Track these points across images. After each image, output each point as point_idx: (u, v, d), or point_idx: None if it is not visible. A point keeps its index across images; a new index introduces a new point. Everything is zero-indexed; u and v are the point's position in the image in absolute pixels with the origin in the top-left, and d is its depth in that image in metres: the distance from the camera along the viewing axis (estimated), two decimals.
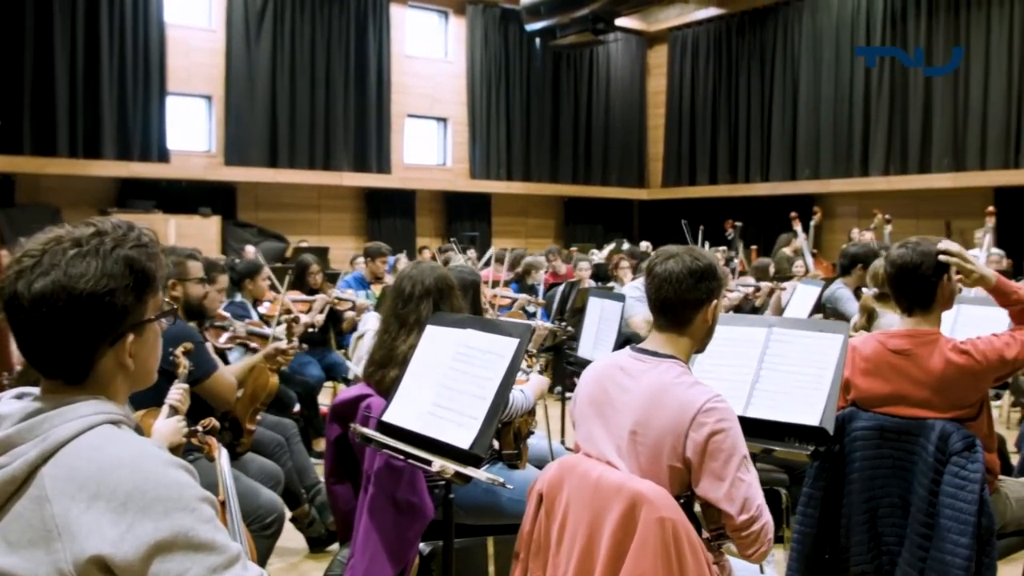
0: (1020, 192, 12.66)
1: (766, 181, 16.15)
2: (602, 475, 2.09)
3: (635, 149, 18.48)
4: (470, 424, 2.46)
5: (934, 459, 2.68)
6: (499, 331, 2.57)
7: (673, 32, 18.02)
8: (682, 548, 1.93)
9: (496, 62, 16.46)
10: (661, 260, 2.24)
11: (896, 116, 14.28)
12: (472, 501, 3.02)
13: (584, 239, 16.00)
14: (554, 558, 2.15)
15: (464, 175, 16.36)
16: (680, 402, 2.08)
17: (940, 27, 13.77)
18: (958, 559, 2.57)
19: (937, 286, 2.81)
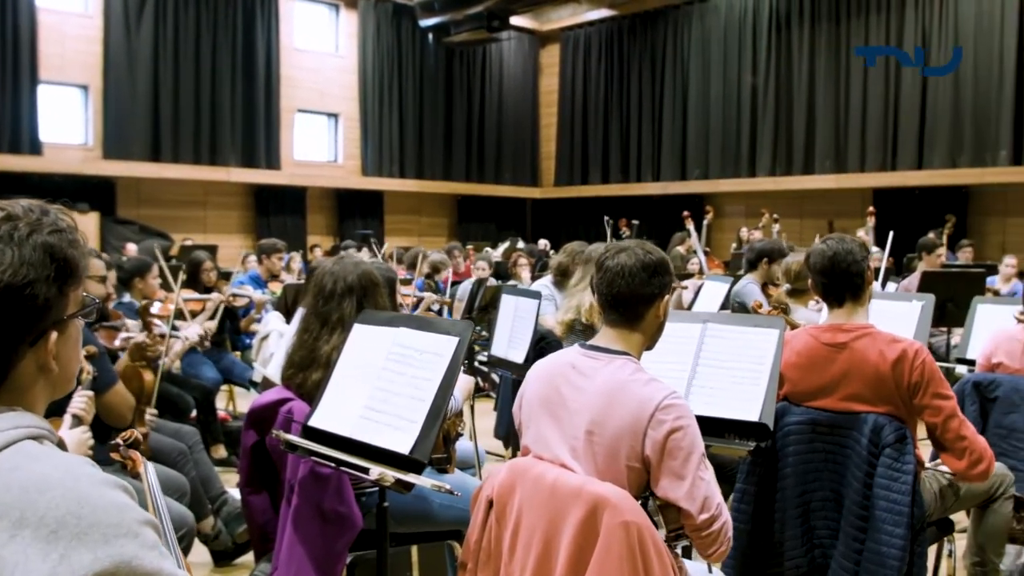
0: (897, 193, 13.25)
1: (657, 181, 16.44)
2: (558, 478, 1.99)
3: (528, 148, 18.53)
4: (408, 428, 2.33)
5: (867, 452, 2.70)
6: (436, 329, 2.45)
7: (565, 32, 18.15)
8: (648, 553, 1.86)
9: (388, 57, 16.21)
10: (612, 254, 2.16)
11: (781, 119, 14.77)
12: (402, 508, 2.88)
13: (477, 237, 15.94)
14: (507, 567, 2.05)
15: (356, 172, 16.06)
16: (637, 400, 2.01)
17: (822, 34, 14.30)
18: (894, 549, 2.59)
19: (864, 276, 2.84)
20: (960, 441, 2.72)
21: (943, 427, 2.73)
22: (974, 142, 12.70)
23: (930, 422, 2.73)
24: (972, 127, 12.70)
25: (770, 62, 14.88)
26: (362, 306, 2.91)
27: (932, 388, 2.70)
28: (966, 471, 2.75)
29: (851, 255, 2.84)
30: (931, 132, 13.13)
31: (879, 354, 2.73)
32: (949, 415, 2.73)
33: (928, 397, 2.70)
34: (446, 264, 8.26)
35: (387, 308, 3.04)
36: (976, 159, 12.66)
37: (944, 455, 2.77)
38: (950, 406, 2.74)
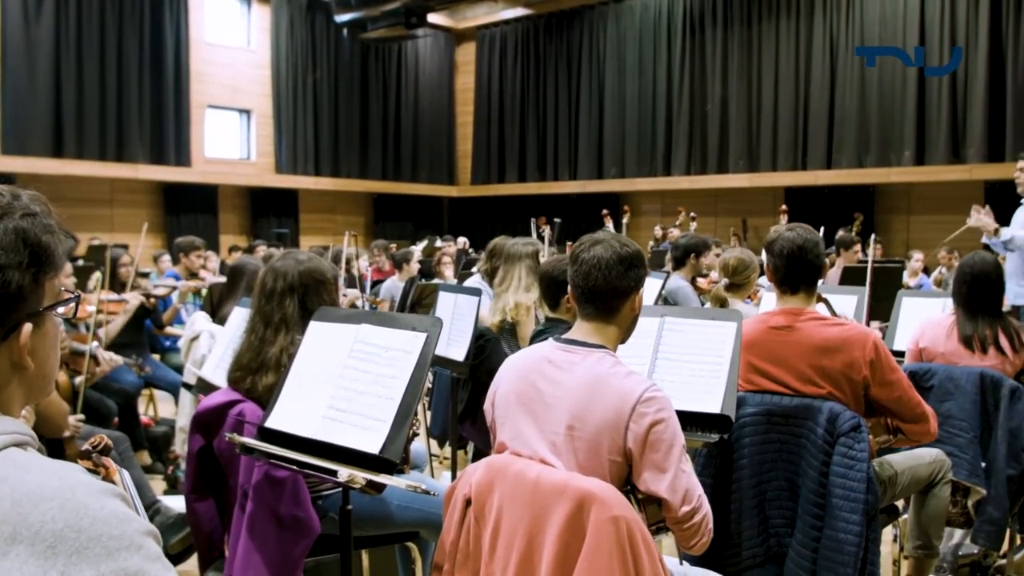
0: (807, 191, 13.66)
1: (574, 179, 16.56)
2: (540, 475, 1.95)
3: (444, 146, 18.44)
4: (377, 427, 2.26)
5: (823, 440, 2.73)
6: (400, 325, 2.38)
7: (481, 30, 18.12)
8: (637, 548, 1.83)
9: (302, 53, 15.91)
10: (587, 246, 2.14)
11: (696, 119, 15.05)
12: (360, 511, 2.79)
13: (394, 236, 15.74)
14: (487, 567, 2.00)
15: (270, 169, 15.71)
16: (618, 393, 1.99)
17: (735, 38, 14.63)
18: (851, 536, 2.64)
19: (821, 265, 2.90)
20: (917, 407, 2.82)
21: (902, 400, 2.81)
22: (880, 143, 13.18)
23: (887, 398, 2.79)
24: (878, 128, 13.18)
25: (684, 63, 15.15)
26: (305, 304, 2.82)
27: (885, 365, 2.77)
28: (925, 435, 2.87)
29: (818, 247, 2.93)
30: (839, 133, 13.57)
31: (827, 338, 2.78)
32: (905, 386, 2.82)
33: (883, 374, 2.77)
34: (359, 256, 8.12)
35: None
36: (882, 159, 13.14)
37: (904, 425, 2.84)
38: (902, 378, 2.83)
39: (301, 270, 2.86)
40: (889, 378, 2.76)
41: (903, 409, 2.80)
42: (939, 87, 12.64)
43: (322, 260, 2.94)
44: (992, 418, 3.58)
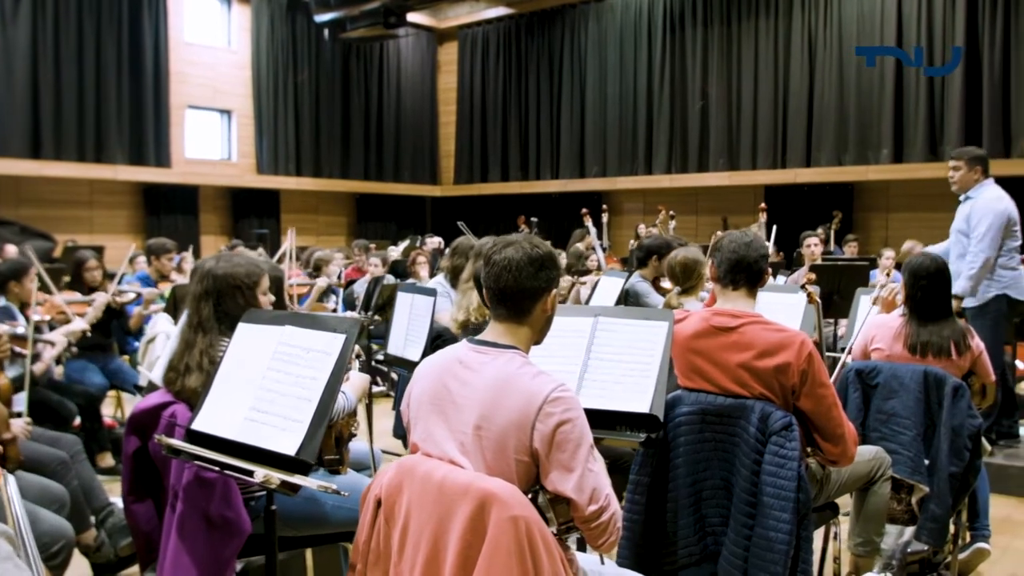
0: (787, 190, 13.69)
1: (556, 178, 16.57)
2: (446, 475, 1.96)
3: (427, 146, 18.42)
4: (295, 428, 2.27)
5: (755, 439, 2.75)
6: (322, 326, 2.40)
7: (463, 30, 18.12)
8: (536, 547, 1.85)
9: (283, 53, 15.87)
10: (500, 248, 2.15)
11: (676, 118, 15.08)
12: (293, 511, 2.81)
13: (377, 236, 15.76)
14: (396, 567, 2.01)
15: (251, 170, 15.68)
16: (525, 393, 2.00)
17: (715, 37, 14.65)
18: (781, 534, 2.66)
19: (765, 269, 2.93)
20: (839, 428, 2.82)
21: (825, 415, 2.82)
22: (858, 141, 13.21)
23: (811, 410, 2.81)
24: (856, 127, 13.22)
25: (664, 62, 15.17)
26: (219, 308, 2.84)
27: (816, 378, 2.79)
28: (840, 457, 2.87)
29: (764, 250, 2.99)
30: (818, 131, 13.60)
31: (765, 341, 2.80)
32: (832, 404, 2.83)
33: (812, 386, 2.78)
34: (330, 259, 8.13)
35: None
36: (860, 157, 13.18)
37: (822, 442, 2.86)
38: (832, 395, 2.84)
39: (217, 274, 2.88)
40: (818, 391, 2.78)
41: (825, 425, 2.82)
42: (916, 86, 12.67)
43: (247, 264, 2.94)
44: (935, 416, 3.61)
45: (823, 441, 2.87)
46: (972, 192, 5.28)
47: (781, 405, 2.79)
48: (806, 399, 2.80)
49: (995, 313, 5.19)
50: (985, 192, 5.25)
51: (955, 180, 5.35)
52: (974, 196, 5.26)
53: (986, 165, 5.33)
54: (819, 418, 2.83)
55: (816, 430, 2.87)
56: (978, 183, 5.28)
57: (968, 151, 5.43)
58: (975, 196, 5.26)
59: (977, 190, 5.27)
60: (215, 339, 2.77)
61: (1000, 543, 4.39)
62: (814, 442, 2.91)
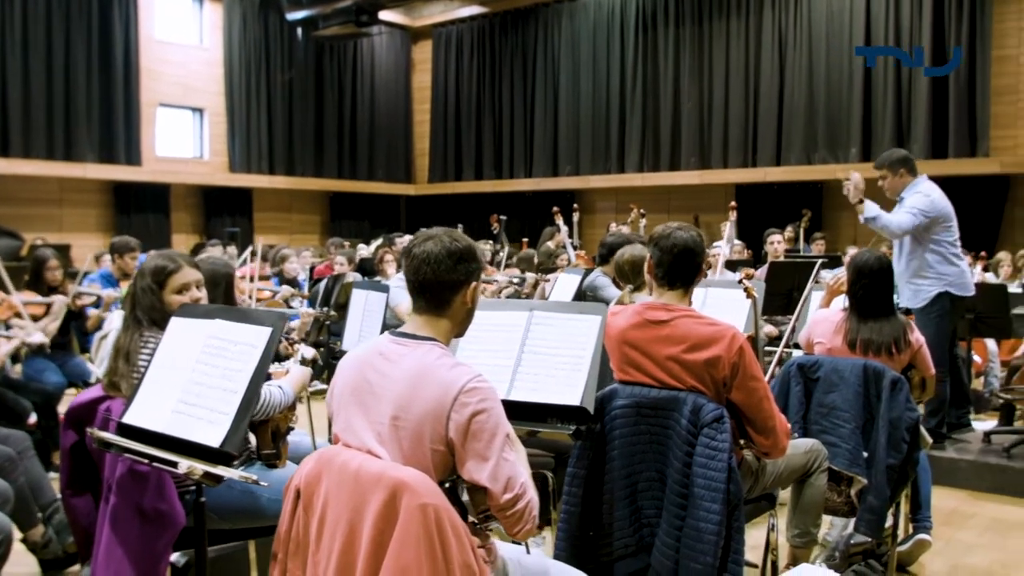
0: (757, 188, 13.81)
1: (530, 177, 16.63)
2: (362, 465, 2.00)
3: (401, 144, 18.43)
4: (221, 421, 2.30)
5: (687, 431, 2.79)
6: (251, 320, 2.42)
7: (437, 28, 18.13)
8: (445, 534, 1.88)
9: (256, 51, 15.82)
10: (420, 242, 2.18)
11: (649, 117, 15.17)
12: (228, 504, 2.83)
13: (351, 235, 15.74)
14: (313, 556, 2.04)
15: (223, 168, 15.62)
16: (441, 383, 2.03)
17: (686, 36, 14.75)
18: (710, 524, 2.69)
19: (701, 267, 2.96)
20: (770, 420, 2.87)
21: (757, 408, 2.87)
22: (827, 140, 13.35)
23: (743, 403, 2.85)
24: (825, 126, 13.35)
25: (637, 61, 15.26)
26: (135, 306, 2.87)
27: (747, 371, 2.83)
28: (771, 449, 2.91)
29: (701, 247, 3.00)
30: (788, 131, 13.73)
31: (697, 335, 2.84)
32: (763, 396, 2.87)
33: (743, 379, 2.83)
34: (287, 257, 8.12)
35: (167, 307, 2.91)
36: (829, 156, 13.31)
37: (754, 434, 2.90)
38: (763, 388, 2.88)
39: (141, 271, 2.91)
40: (749, 384, 2.82)
41: (756, 417, 2.86)
42: (884, 85, 12.81)
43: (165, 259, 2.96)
44: (874, 409, 3.66)
45: (755, 433, 2.91)
46: (905, 193, 5.38)
47: (713, 398, 2.83)
48: (738, 392, 2.84)
49: (939, 310, 5.27)
50: (918, 188, 5.35)
51: (886, 188, 5.45)
52: (907, 196, 5.36)
53: (910, 165, 5.43)
54: (751, 410, 2.87)
55: (748, 423, 2.91)
56: (909, 184, 5.37)
57: (888, 158, 5.50)
58: (908, 196, 5.36)
59: (909, 190, 5.37)
60: (140, 334, 2.79)
61: (944, 535, 4.46)
62: (747, 434, 2.95)
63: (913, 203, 5.26)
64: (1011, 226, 12.20)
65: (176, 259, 2.97)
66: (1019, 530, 4.64)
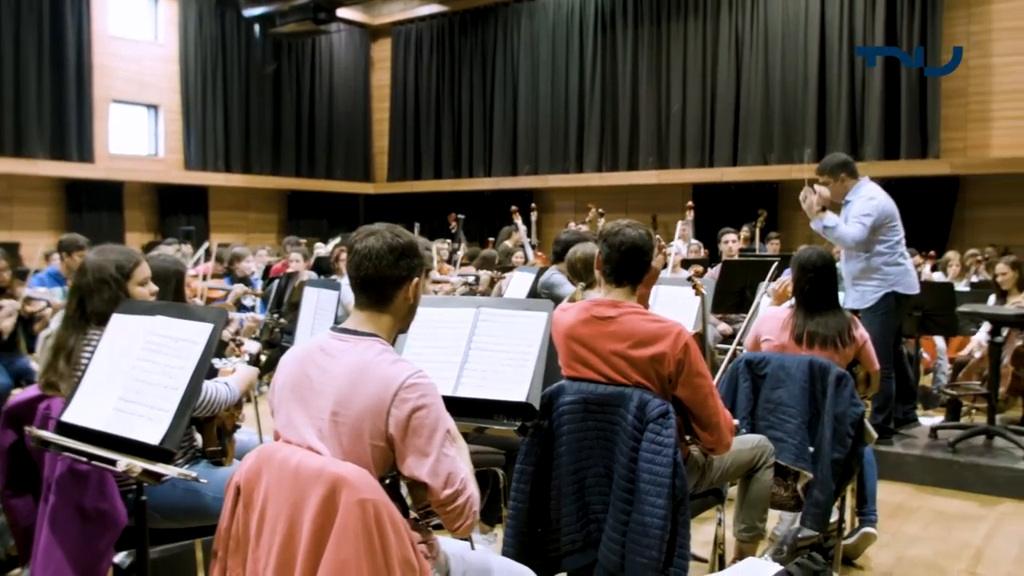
0: (714, 188, 13.94)
1: (489, 176, 16.63)
2: (302, 461, 1.99)
3: (360, 143, 18.33)
4: (161, 418, 2.28)
5: (632, 427, 2.81)
6: (192, 316, 2.40)
7: (396, 27, 18.07)
8: (384, 530, 1.88)
9: (212, 47, 15.63)
10: (361, 237, 2.18)
11: (607, 117, 15.24)
12: (172, 503, 2.80)
13: (309, 234, 15.60)
14: (253, 552, 2.03)
15: (178, 166, 15.42)
16: (381, 379, 2.03)
17: (645, 36, 14.84)
18: (656, 519, 2.71)
19: (650, 266, 2.98)
20: (715, 417, 2.90)
21: (702, 404, 2.90)
22: (783, 141, 13.51)
23: (688, 399, 2.88)
24: (781, 126, 13.51)
25: (596, 61, 15.33)
26: (83, 305, 2.83)
27: (692, 367, 2.86)
28: (716, 445, 2.95)
29: (649, 245, 3.01)
30: (744, 131, 13.87)
31: (642, 331, 2.86)
32: (708, 393, 2.91)
33: (688, 375, 2.85)
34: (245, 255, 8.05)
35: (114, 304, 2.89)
36: (784, 156, 13.46)
37: (699, 430, 2.93)
38: (708, 384, 2.91)
39: (86, 267, 2.87)
40: (694, 380, 2.85)
41: (701, 413, 2.89)
42: (838, 87, 12.99)
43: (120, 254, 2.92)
44: (820, 404, 3.72)
45: (700, 430, 2.95)
46: (850, 195, 5.49)
47: (659, 393, 2.85)
48: (683, 388, 2.87)
49: (884, 309, 5.37)
50: (861, 191, 5.45)
51: (834, 192, 5.54)
52: (852, 199, 5.47)
53: (850, 169, 5.53)
54: (696, 407, 2.90)
55: (693, 419, 2.94)
56: (852, 187, 5.47)
57: (828, 164, 5.61)
58: (852, 199, 5.46)
59: (854, 192, 5.47)
60: (82, 332, 2.75)
61: (890, 528, 4.54)
62: (692, 431, 2.98)
63: (858, 210, 5.35)
64: (960, 226, 12.44)
65: (133, 252, 2.94)
66: (962, 522, 4.73)
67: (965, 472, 5.31)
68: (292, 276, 6.33)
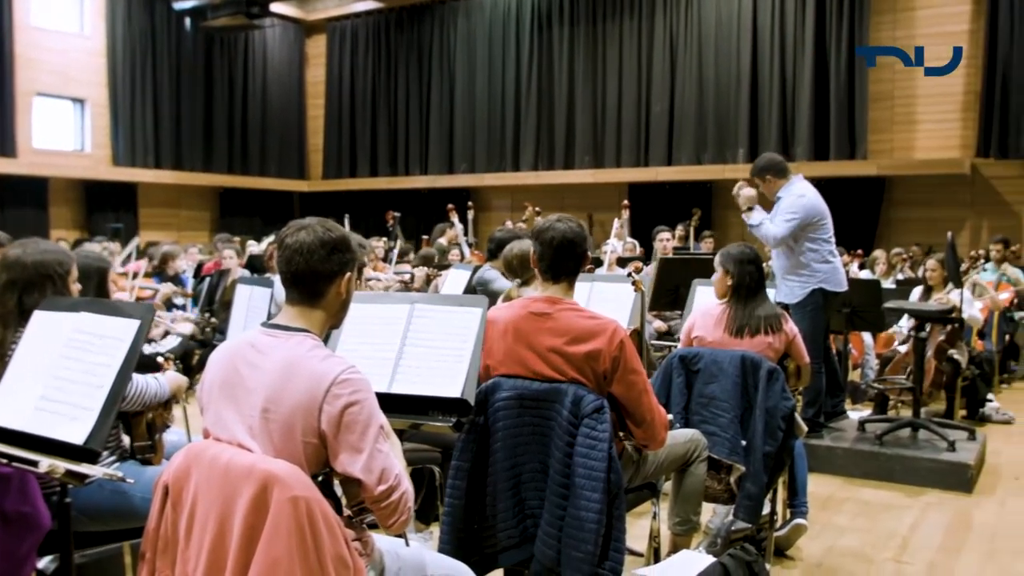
0: (649, 187, 14.10)
1: (425, 174, 16.57)
2: (232, 459, 1.94)
3: (295, 140, 18.09)
4: (85, 417, 2.21)
5: (568, 422, 2.82)
6: (118, 313, 2.34)
7: (332, 23, 17.88)
8: (317, 527, 1.85)
9: (141, 40, 15.27)
10: (292, 232, 2.14)
11: (543, 116, 15.32)
12: (99, 505, 2.73)
13: (242, 232, 15.30)
14: (183, 553, 1.98)
15: (106, 162, 15.03)
16: (313, 375, 2.00)
17: (581, 36, 14.95)
18: (591, 514, 2.72)
19: (585, 256, 3.00)
20: (648, 413, 2.93)
21: (636, 401, 2.92)
22: (716, 141, 13.74)
23: (623, 395, 2.90)
24: (714, 127, 13.74)
25: (532, 60, 15.39)
26: (22, 302, 2.74)
27: (628, 364, 2.88)
28: (649, 441, 2.98)
29: (584, 240, 3.03)
30: (679, 131, 14.07)
31: (578, 328, 2.87)
32: (642, 390, 2.93)
33: (624, 372, 2.87)
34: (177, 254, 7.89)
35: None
36: (718, 156, 13.70)
37: (633, 426, 2.96)
38: (643, 381, 2.94)
39: (26, 263, 2.78)
40: (629, 377, 2.86)
41: (636, 410, 2.91)
42: (770, 88, 13.26)
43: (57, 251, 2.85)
44: (752, 399, 3.78)
45: (634, 426, 2.97)
46: (781, 192, 5.62)
47: (594, 389, 2.87)
48: (618, 385, 2.89)
49: (813, 306, 5.49)
50: (792, 189, 5.58)
51: (766, 192, 5.68)
52: (783, 195, 5.60)
53: (778, 169, 5.67)
54: (630, 403, 2.92)
55: (628, 415, 2.96)
56: (783, 185, 5.61)
57: (757, 165, 5.77)
58: (784, 195, 5.59)
59: (785, 189, 5.61)
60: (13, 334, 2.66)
61: (820, 519, 4.64)
62: (627, 427, 3.00)
63: (786, 208, 5.48)
64: (887, 225, 12.78)
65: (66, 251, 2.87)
66: (888, 512, 4.86)
67: (891, 464, 5.44)
68: (224, 274, 6.21)
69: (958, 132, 12.40)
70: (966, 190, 12.28)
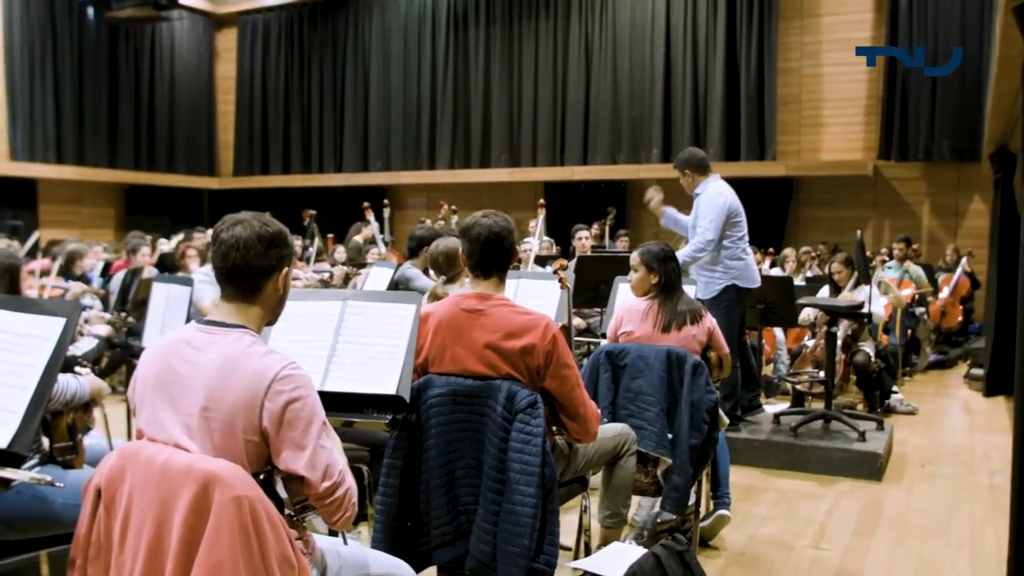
0: (565, 186, 14.23)
1: (340, 172, 16.36)
2: (170, 459, 1.89)
3: (204, 136, 17.62)
4: (8, 420, 2.12)
5: (502, 418, 2.83)
6: (41, 311, 2.25)
7: (243, 16, 17.49)
8: (261, 527, 1.81)
9: (40, 30, 14.63)
10: (228, 226, 2.09)
11: (459, 114, 15.28)
12: (17, 512, 2.62)
13: (150, 230, 14.83)
14: (117, 558, 1.91)
15: (3, 156, 14.36)
16: (254, 372, 1.96)
17: (497, 35, 14.97)
18: (527, 508, 2.74)
19: (513, 250, 3.01)
20: (581, 407, 2.96)
21: (569, 395, 2.95)
22: (631, 141, 13.94)
23: (555, 390, 2.92)
24: (629, 128, 13.93)
25: (448, 59, 15.34)
26: None
27: (560, 359, 2.90)
28: (582, 435, 3.02)
29: (511, 235, 3.05)
30: (594, 131, 14.22)
31: (512, 323, 2.88)
32: (575, 384, 2.96)
33: (556, 367, 2.90)
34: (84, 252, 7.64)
35: None
36: (632, 156, 13.90)
37: (566, 420, 2.99)
38: (575, 376, 2.97)
39: None
40: (561, 371, 2.90)
41: (568, 404, 2.95)
42: (683, 90, 13.51)
43: None
44: (677, 392, 3.86)
45: (567, 420, 3.00)
46: (699, 189, 5.81)
47: (528, 385, 2.88)
48: (551, 379, 2.91)
49: (727, 302, 5.67)
50: (709, 187, 5.78)
51: (684, 185, 5.85)
52: (700, 192, 5.78)
53: (693, 164, 5.86)
54: (563, 398, 2.95)
55: (561, 409, 2.99)
56: (702, 182, 5.77)
57: (682, 158, 5.97)
58: (701, 192, 5.77)
59: (703, 186, 5.80)
60: None
61: (742, 510, 4.76)
62: (559, 421, 3.03)
63: (706, 212, 5.65)
64: (795, 224, 13.17)
65: None
66: (804, 501, 5.02)
67: (806, 454, 5.62)
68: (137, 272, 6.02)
69: (861, 135, 12.87)
70: (869, 191, 12.75)
